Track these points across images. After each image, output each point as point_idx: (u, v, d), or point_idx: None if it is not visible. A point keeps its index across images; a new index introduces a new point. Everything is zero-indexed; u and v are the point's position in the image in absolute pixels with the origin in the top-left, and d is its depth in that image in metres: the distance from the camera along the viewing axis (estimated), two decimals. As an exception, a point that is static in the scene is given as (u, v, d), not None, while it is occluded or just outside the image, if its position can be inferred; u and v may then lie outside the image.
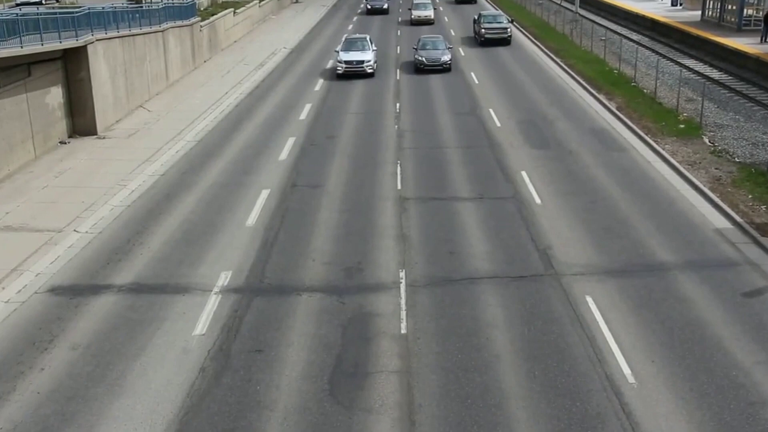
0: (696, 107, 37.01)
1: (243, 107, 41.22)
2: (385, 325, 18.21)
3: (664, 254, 21.75)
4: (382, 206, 25.90)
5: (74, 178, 29.47)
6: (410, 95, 42.45)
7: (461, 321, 18.34)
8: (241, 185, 28.35)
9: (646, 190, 26.94)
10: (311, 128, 36.18)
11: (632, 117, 36.21)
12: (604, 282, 20.13)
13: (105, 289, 20.44)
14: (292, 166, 30.52)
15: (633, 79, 44.37)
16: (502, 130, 34.86)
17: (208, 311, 19.03)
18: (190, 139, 34.90)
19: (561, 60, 51.69)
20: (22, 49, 30.09)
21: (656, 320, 18.18)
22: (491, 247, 22.40)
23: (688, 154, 30.72)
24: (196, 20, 53.45)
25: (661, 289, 19.71)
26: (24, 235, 23.96)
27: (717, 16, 60.55)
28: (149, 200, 27.17)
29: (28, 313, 19.30)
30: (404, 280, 20.48)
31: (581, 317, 18.37)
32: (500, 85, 44.55)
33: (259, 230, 24.11)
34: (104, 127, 36.26)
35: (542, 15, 74.77)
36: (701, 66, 48.44)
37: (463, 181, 28.18)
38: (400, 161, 30.62)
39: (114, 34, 38.31)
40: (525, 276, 20.57)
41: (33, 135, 31.81)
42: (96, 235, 24.05)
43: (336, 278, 20.75)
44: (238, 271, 21.19)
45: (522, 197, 26.41)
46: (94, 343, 17.79)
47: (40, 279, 21.07)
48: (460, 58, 53.73)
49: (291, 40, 64.35)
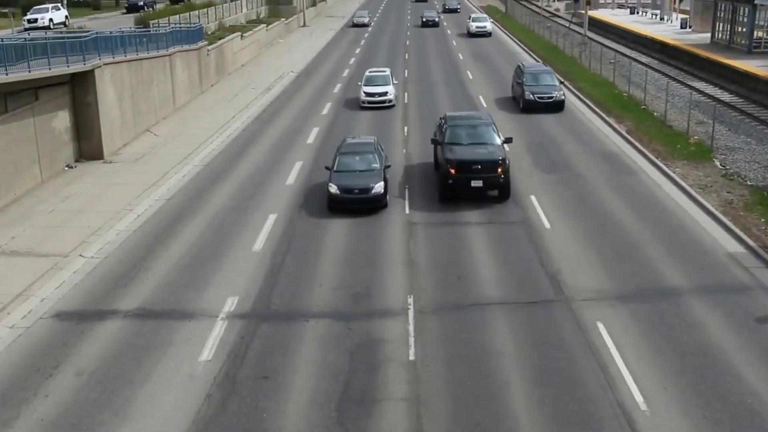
0: (707, 130, 36.97)
1: (250, 131, 41.35)
2: (393, 352, 18.13)
3: (676, 279, 21.65)
4: (390, 231, 25.87)
5: (80, 202, 29.55)
6: (419, 119, 42.51)
7: (470, 347, 18.25)
8: (247, 210, 28.37)
9: (656, 213, 26.87)
10: (319, 152, 36.23)
11: (642, 140, 36.19)
12: (615, 307, 20.03)
13: (111, 314, 20.42)
14: (300, 190, 30.54)
15: (643, 102, 44.39)
16: (511, 153, 34.77)
17: (215, 337, 18.98)
18: (197, 163, 34.99)
19: (570, 83, 51.76)
20: (30, 73, 30.30)
21: (668, 346, 18.06)
22: (500, 273, 22.34)
23: (699, 177, 30.66)
24: (203, 44, 53.77)
25: (673, 314, 19.60)
26: (30, 260, 23.99)
27: (727, 39, 60.68)
28: (155, 225, 27.21)
29: (33, 338, 19.29)
30: (412, 305, 20.41)
31: (592, 343, 18.27)
32: (508, 109, 44.55)
33: (266, 255, 24.10)
34: (111, 152, 36.40)
35: (551, 38, 74.98)
36: (711, 88, 48.48)
37: (471, 205, 28.12)
38: (408, 185, 30.61)
39: (121, 58, 38.56)
40: (535, 301, 20.49)
41: (40, 159, 31.95)
42: (102, 260, 24.07)
43: (343, 304, 20.70)
44: (244, 297, 21.16)
45: (531, 221, 26.36)
46: (100, 369, 17.75)
47: (46, 304, 21.07)
48: (467, 82, 53.85)
49: (298, 64, 64.63)
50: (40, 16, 65.67)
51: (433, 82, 53.69)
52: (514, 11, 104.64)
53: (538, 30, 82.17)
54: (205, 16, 66.19)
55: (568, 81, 52.31)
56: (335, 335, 18.99)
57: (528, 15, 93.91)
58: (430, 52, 69.05)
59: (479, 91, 49.91)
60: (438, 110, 44.36)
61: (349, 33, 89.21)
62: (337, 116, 44.01)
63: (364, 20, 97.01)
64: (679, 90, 47.75)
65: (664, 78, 51.61)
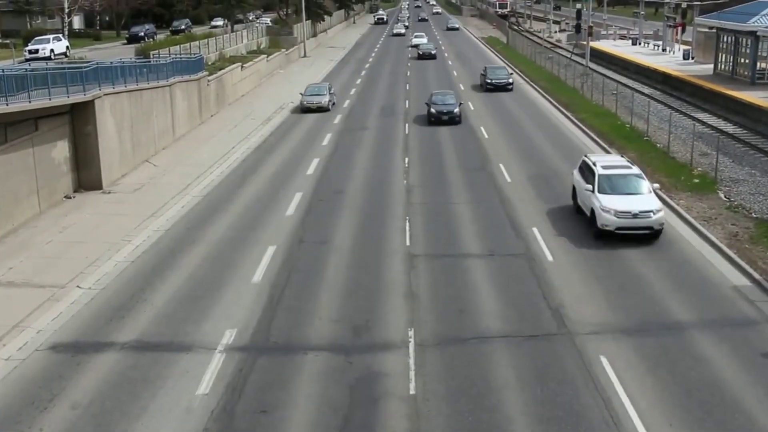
0: (710, 162, 37.00)
1: (250, 162, 41.42)
2: (394, 386, 18.00)
3: (681, 312, 21.54)
4: (391, 263, 25.80)
5: (79, 233, 29.52)
6: (419, 150, 42.61)
7: (472, 382, 18.12)
8: (247, 241, 28.32)
9: (660, 246, 26.77)
10: (319, 183, 36.27)
11: (645, 172, 36.02)
12: (618, 341, 19.91)
13: (107, 346, 20.29)
14: (299, 221, 30.52)
15: (645, 133, 44.50)
16: (512, 185, 34.88)
17: (212, 370, 18.85)
18: (196, 194, 35.01)
19: (572, 114, 51.99)
20: (30, 103, 30.41)
21: (674, 381, 17.92)
22: (502, 306, 22.24)
23: (703, 209, 30.63)
24: (203, 74, 54.04)
25: (678, 348, 19.47)
26: (26, 291, 23.91)
27: (730, 70, 60.97)
28: (154, 256, 27.15)
29: (29, 371, 19.15)
30: (413, 339, 20.29)
31: (596, 378, 18.13)
32: (510, 140, 44.73)
33: (265, 287, 24.02)
34: (110, 182, 36.43)
35: (552, 69, 75.38)
36: (715, 120, 48.62)
37: (473, 237, 28.11)
38: (409, 217, 30.61)
39: (121, 88, 38.72)
40: (537, 335, 20.37)
41: (38, 189, 31.97)
42: (99, 292, 23.98)
43: (343, 337, 20.58)
44: (243, 329, 21.04)
45: (533, 254, 26.29)
46: (95, 402, 17.61)
47: (42, 336, 20.95)
48: (469, 111, 54.05)
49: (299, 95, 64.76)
50: (41, 47, 66.15)
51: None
52: (516, 42, 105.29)
53: (540, 61, 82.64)
54: (205, 47, 66.52)
55: (570, 112, 52.53)
56: (335, 369, 18.86)
57: (529, 46, 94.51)
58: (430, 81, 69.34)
59: (481, 122, 50.08)
60: (440, 142, 44.44)
61: (350, 63, 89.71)
62: (337, 147, 44.09)
63: None
64: (683, 121, 47.88)
65: (667, 109, 51.83)
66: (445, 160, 40.14)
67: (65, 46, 69.91)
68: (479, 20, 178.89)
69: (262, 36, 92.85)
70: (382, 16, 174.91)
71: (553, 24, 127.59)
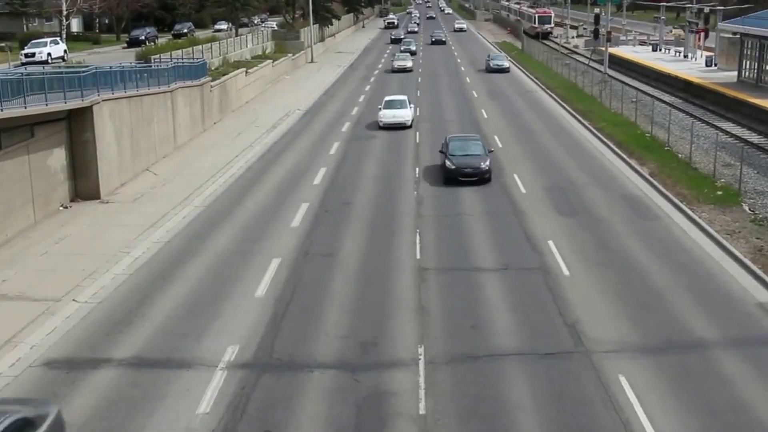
0: (734, 173, 36.90)
1: (254, 171, 41.49)
2: (403, 405, 17.93)
3: (704, 330, 21.43)
4: (400, 277, 25.76)
5: (75, 244, 29.57)
6: (431, 160, 42.59)
7: (484, 401, 18.04)
8: (250, 253, 28.33)
9: (682, 261, 26.70)
10: (326, 193, 36.29)
11: (666, 183, 36.13)
12: (638, 360, 19.80)
13: (104, 363, 20.28)
14: (305, 233, 30.52)
15: (666, 143, 44.42)
16: (527, 196, 34.83)
17: (213, 388, 18.81)
18: (198, 204, 35.06)
19: (589, 123, 51.96)
20: (26, 109, 30.53)
21: (696, 402, 17.80)
22: (516, 322, 22.16)
23: (726, 222, 30.52)
24: (206, 80, 54.22)
25: (701, 368, 19.36)
26: (20, 305, 23.94)
27: (754, 77, 60.85)
28: (153, 268, 27.17)
29: (21, 388, 19.13)
30: (423, 356, 20.23)
31: (614, 398, 18.03)
32: (525, 149, 44.71)
33: (269, 302, 24.00)
34: (108, 191, 36.51)
35: (569, 75, 75.42)
36: (739, 129, 48.50)
37: (486, 250, 28.06)
38: (420, 229, 30.58)
39: (121, 94, 38.86)
40: (553, 353, 20.28)
41: (33, 199, 32.06)
42: (96, 306, 23.99)
43: (350, 354, 20.53)
44: (245, 346, 21.01)
45: (549, 268, 26.22)
46: (91, 421, 17.58)
47: (35, 351, 20.95)
48: (482, 119, 54.05)
49: (305, 102, 65.08)
50: (37, 50, 66.49)
51: (446, 120, 53.92)
52: (531, 48, 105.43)
53: (556, 67, 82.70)
54: (208, 51, 66.78)
55: (587, 121, 52.50)
56: (341, 387, 18.81)
57: (545, 51, 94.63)
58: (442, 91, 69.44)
59: (495, 131, 50.09)
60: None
61: (359, 69, 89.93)
62: (345, 156, 44.13)
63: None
64: (705, 130, 47.79)
65: (689, 118, 51.71)
66: (457, 170, 40.04)
67: (63, 49, 70.30)
68: (492, 24, 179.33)
69: (267, 40, 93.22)
70: (392, 20, 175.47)
71: (571, 29, 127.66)
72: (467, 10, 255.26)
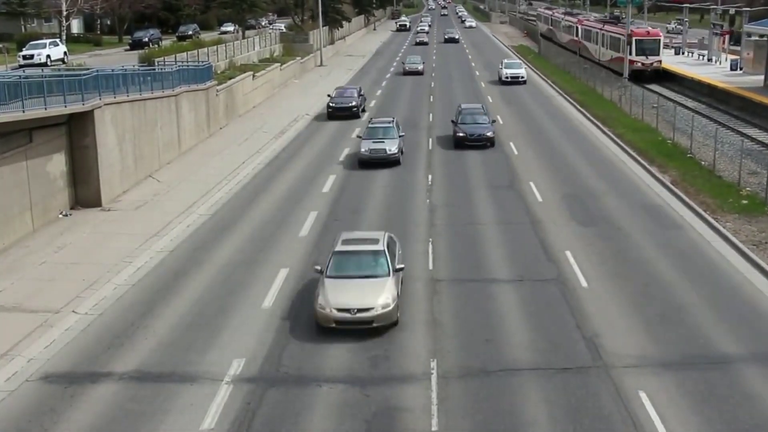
0: (760, 181, 36.79)
1: (261, 178, 41.58)
2: (414, 422, 17.94)
3: (728, 345, 21.37)
4: (412, 288, 25.77)
5: (75, 253, 29.68)
6: (443, 166, 42.64)
7: (499, 417, 18.03)
8: (257, 263, 28.39)
9: (705, 272, 26.64)
10: (335, 202, 36.34)
11: (689, 192, 36.06)
12: (659, 375, 19.77)
13: (104, 377, 20.35)
14: (314, 243, 30.56)
15: (689, 150, 44.33)
16: (544, 205, 34.82)
17: (218, 403, 18.85)
18: (203, 212, 35.15)
19: (609, 129, 51.90)
20: (24, 113, 30.65)
21: (720, 420, 17.76)
22: (532, 335, 22.15)
23: (752, 232, 30.45)
24: (212, 84, 54.38)
25: (724, 384, 19.31)
26: (17, 316, 24.03)
27: (782, 82, 60.69)
28: (156, 279, 27.25)
29: (18, 403, 19.21)
30: (435, 370, 20.24)
31: (634, 415, 18.00)
32: (541, 156, 44.70)
33: (276, 313, 24.04)
34: (109, 199, 36.63)
35: (588, 80, 75.40)
36: (765, 136, 48.37)
37: (500, 261, 28.06)
38: (432, 239, 30.59)
39: (123, 98, 39.00)
40: (570, 368, 20.26)
41: (32, 206, 32.19)
42: (96, 317, 24.07)
43: (360, 368, 20.55)
44: (251, 359, 21.05)
45: (566, 279, 26.20)
46: (91, 437, 17.66)
47: (33, 365, 21.02)
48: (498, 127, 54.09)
49: (314, 106, 65.17)
50: (36, 52, 66.75)
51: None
52: (548, 51, 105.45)
53: (575, 71, 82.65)
54: (214, 54, 67.03)
55: (607, 127, 52.45)
56: (350, 402, 18.83)
57: (563, 55, 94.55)
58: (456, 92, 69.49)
59: (510, 138, 50.11)
60: (466, 158, 44.48)
61: (370, 73, 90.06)
62: (355, 162, 44.16)
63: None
64: (729, 137, 47.69)
65: (713, 124, 51.63)
66: (471, 177, 40.14)
67: (63, 51, 70.62)
68: (509, 27, 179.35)
69: (275, 43, 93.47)
70: (404, 22, 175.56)
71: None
72: (482, 12, 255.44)
